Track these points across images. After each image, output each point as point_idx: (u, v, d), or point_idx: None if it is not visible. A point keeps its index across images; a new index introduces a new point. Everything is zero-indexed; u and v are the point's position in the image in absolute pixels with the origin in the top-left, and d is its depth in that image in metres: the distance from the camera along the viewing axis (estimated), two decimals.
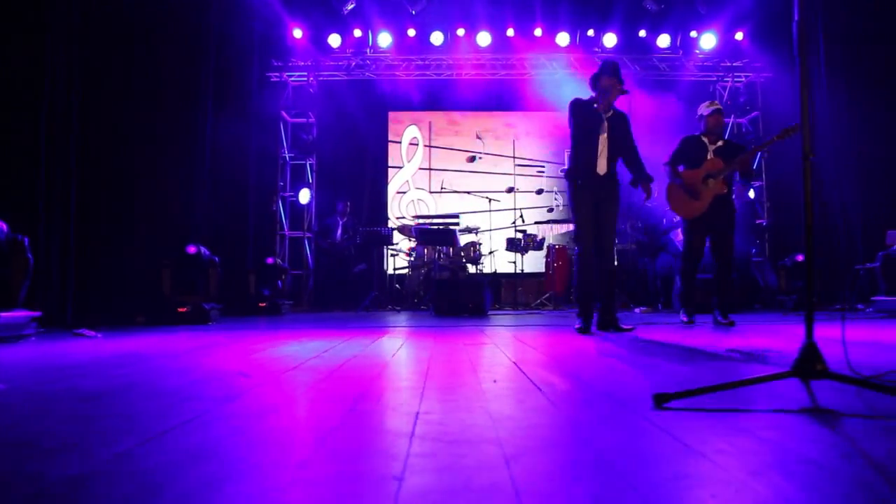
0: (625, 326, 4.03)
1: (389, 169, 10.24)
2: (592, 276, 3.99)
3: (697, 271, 4.74)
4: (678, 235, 7.07)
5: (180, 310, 5.47)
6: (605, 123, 4.00)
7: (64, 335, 4.18)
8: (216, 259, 5.71)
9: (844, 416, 1.46)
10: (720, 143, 4.39)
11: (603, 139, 3.97)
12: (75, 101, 4.81)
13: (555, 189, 9.54)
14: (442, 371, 2.32)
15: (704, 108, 4.41)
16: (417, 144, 10.27)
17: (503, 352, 2.94)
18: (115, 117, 5.49)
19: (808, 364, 1.58)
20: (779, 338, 3.63)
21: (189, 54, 6.16)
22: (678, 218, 7.96)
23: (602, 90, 3.93)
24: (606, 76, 3.93)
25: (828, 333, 3.75)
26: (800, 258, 7.11)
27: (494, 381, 2.02)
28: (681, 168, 4.53)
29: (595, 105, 3.99)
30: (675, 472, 1.03)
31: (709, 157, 4.33)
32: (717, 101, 4.46)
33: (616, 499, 0.89)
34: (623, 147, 4.06)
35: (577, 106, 4.00)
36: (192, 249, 5.51)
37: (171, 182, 6.00)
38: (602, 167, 3.98)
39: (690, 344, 3.29)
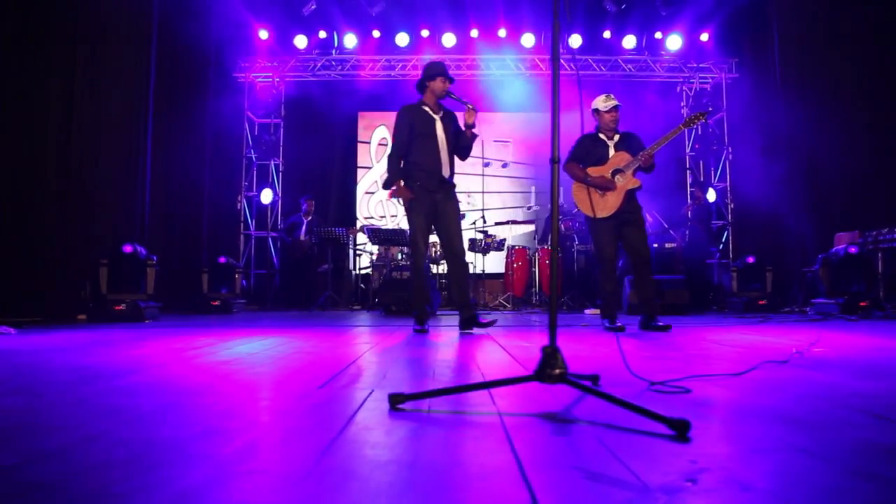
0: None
1: (358, 169, 10.30)
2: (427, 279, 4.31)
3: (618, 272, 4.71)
4: None
5: (116, 308, 5.56)
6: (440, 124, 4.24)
7: None
8: (154, 258, 5.78)
9: (569, 423, 1.48)
10: (617, 137, 4.34)
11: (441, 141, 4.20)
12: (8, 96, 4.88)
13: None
14: (265, 372, 2.35)
15: (601, 104, 4.28)
16: (387, 145, 10.31)
17: (368, 351, 2.98)
18: (55, 116, 5.58)
19: (549, 369, 1.60)
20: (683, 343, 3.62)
21: (133, 54, 6.23)
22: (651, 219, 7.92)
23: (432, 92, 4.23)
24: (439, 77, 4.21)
25: (735, 337, 3.75)
26: (751, 260, 7.08)
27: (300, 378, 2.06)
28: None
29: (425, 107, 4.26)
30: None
31: (611, 152, 4.28)
32: (613, 97, 4.37)
33: None
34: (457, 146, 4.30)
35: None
36: (128, 248, 5.59)
37: (115, 180, 6.08)
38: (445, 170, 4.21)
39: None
